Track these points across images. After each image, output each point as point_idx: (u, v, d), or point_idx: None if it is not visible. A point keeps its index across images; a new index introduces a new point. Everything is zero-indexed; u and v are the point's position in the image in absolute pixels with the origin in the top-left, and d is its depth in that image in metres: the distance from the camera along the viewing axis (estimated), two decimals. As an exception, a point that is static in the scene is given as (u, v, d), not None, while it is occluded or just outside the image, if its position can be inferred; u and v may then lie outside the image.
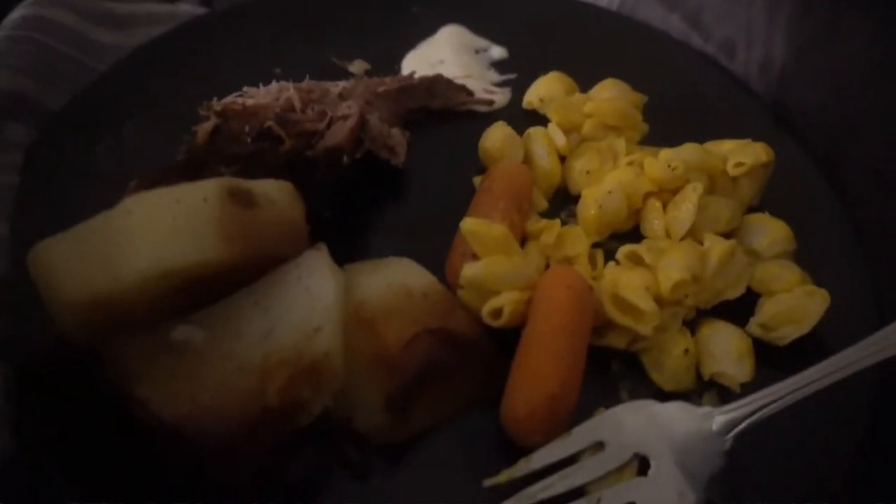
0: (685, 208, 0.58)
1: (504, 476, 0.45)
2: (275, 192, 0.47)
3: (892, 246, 0.59)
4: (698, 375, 0.53)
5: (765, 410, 0.45)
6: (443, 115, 0.73)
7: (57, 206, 0.55)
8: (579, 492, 0.45)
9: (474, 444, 0.48)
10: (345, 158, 0.54)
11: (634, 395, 0.52)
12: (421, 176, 0.66)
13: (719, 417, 0.45)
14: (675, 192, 0.60)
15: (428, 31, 0.83)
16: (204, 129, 0.51)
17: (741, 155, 0.62)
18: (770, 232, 0.60)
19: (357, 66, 0.77)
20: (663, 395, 0.52)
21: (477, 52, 0.82)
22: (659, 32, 0.83)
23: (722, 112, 0.74)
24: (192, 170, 0.52)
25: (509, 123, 0.69)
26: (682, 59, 0.80)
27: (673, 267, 0.52)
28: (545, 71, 0.76)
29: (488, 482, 0.45)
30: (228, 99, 0.53)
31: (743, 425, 0.45)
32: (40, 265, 0.42)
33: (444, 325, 0.48)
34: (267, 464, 0.44)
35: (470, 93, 0.74)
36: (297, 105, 0.56)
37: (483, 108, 0.74)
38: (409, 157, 0.66)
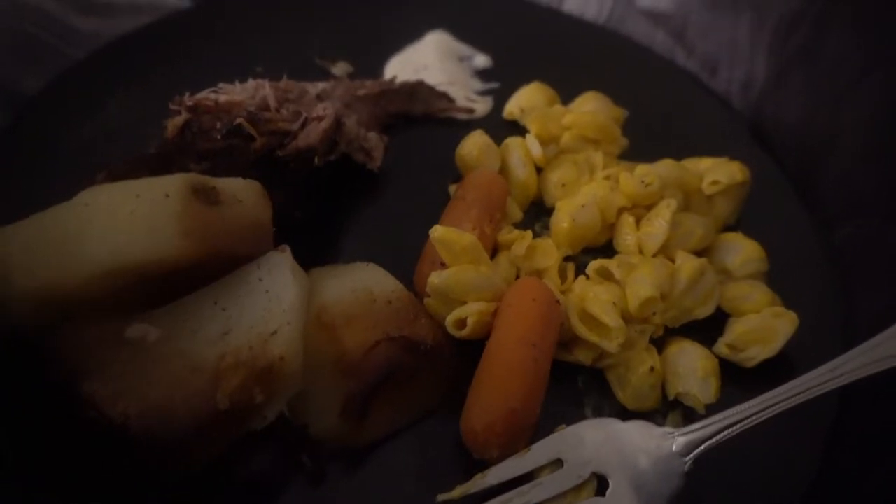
0: (658, 224, 0.58)
1: (458, 491, 0.44)
2: (241, 191, 0.47)
3: (863, 267, 0.59)
4: (664, 395, 0.53)
5: (726, 432, 0.44)
6: (423, 120, 0.73)
7: (23, 193, 0.54)
8: (535, 508, 0.44)
9: (431, 454, 0.47)
10: (316, 160, 0.53)
11: (598, 413, 0.51)
12: (396, 181, 0.66)
13: (679, 438, 0.45)
14: (650, 208, 0.60)
15: (414, 35, 0.83)
16: (174, 123, 0.50)
17: (717, 173, 0.62)
18: (743, 251, 0.59)
19: (340, 68, 0.77)
20: (627, 414, 0.51)
21: (461, 59, 0.82)
22: (643, 48, 0.83)
23: (702, 129, 0.75)
24: (161, 164, 0.51)
25: (489, 132, 0.68)
26: (664, 75, 0.80)
27: (641, 283, 0.52)
28: (528, 81, 0.76)
29: (441, 497, 0.44)
30: (201, 94, 0.52)
31: (703, 447, 0.44)
32: (-6, 252, 0.41)
33: (407, 333, 0.47)
34: (217, 464, 0.43)
35: (451, 100, 0.74)
36: (272, 103, 0.55)
37: (463, 117, 0.74)
38: (386, 161, 0.66)
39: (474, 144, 0.64)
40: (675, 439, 0.45)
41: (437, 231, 0.52)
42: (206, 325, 0.43)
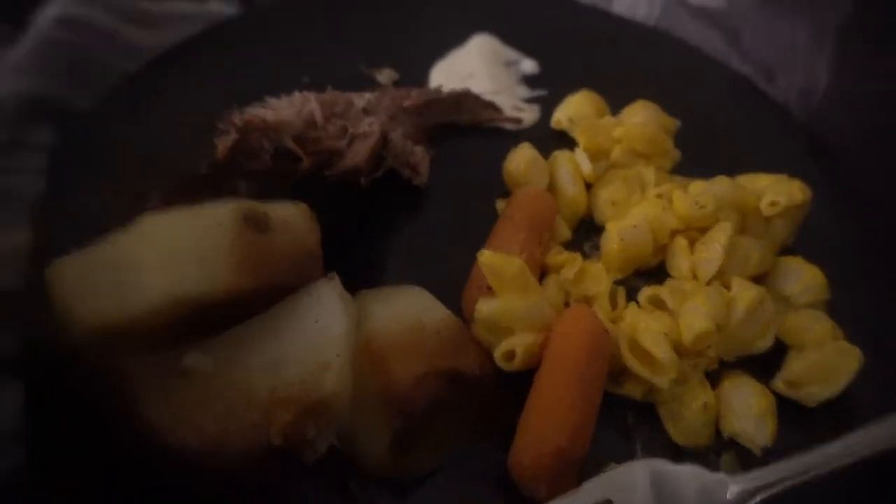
0: (713, 249, 0.55)
1: (506, 526, 0.44)
2: (291, 216, 0.46)
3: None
4: (718, 432, 0.51)
5: (783, 484, 0.43)
6: (468, 131, 0.71)
7: (78, 211, 0.54)
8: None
9: (478, 487, 0.47)
10: (362, 180, 0.52)
11: (649, 448, 0.50)
12: (443, 195, 0.65)
13: (733, 487, 0.43)
14: (704, 230, 0.58)
15: (458, 39, 0.81)
16: (224, 144, 0.50)
17: (776, 193, 0.59)
18: (803, 278, 0.57)
19: (385, 76, 0.75)
20: (679, 450, 0.50)
21: (507, 64, 0.80)
22: (695, 50, 0.80)
23: (759, 140, 0.71)
24: (212, 184, 0.51)
25: (537, 142, 0.67)
26: (718, 79, 0.77)
27: (695, 314, 0.50)
28: (576, 87, 0.73)
29: (489, 532, 0.44)
30: (249, 111, 0.52)
31: (758, 498, 0.43)
32: (55, 284, 0.41)
33: (455, 365, 0.46)
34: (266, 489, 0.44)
35: (498, 110, 0.72)
36: (319, 119, 0.55)
37: (511, 126, 0.72)
38: (432, 174, 0.65)
39: (521, 159, 0.63)
40: (728, 487, 0.43)
41: (484, 256, 0.50)
42: (258, 355, 0.43)
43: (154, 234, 0.41)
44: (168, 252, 0.41)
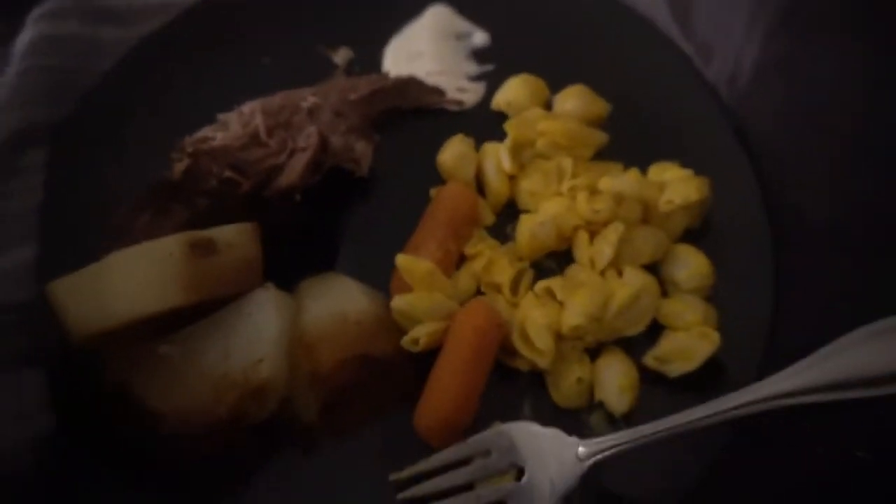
0: (606, 244, 0.64)
1: (406, 472, 0.58)
2: (233, 236, 0.57)
3: (799, 294, 0.64)
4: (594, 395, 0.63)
5: (621, 447, 0.55)
6: (412, 113, 0.77)
7: (67, 220, 0.66)
8: (466, 487, 0.58)
9: (392, 442, 0.61)
10: (297, 197, 0.62)
11: (536, 409, 0.62)
12: (382, 183, 0.73)
13: (580, 448, 0.56)
14: (606, 223, 0.66)
15: (416, 11, 0.84)
16: (178, 168, 0.59)
17: (672, 192, 0.66)
18: (691, 266, 0.65)
19: (341, 56, 0.81)
20: (560, 410, 0.62)
21: (459, 37, 0.83)
22: (647, 24, 0.81)
23: (688, 124, 0.75)
24: (173, 194, 0.62)
25: (478, 123, 0.74)
26: (663, 56, 0.79)
27: (572, 311, 0.60)
28: (523, 62, 0.78)
29: (393, 476, 0.58)
30: (199, 135, 0.61)
31: (599, 456, 0.55)
32: (53, 300, 0.54)
33: (370, 351, 0.59)
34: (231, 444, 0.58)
35: (441, 93, 0.78)
36: (263, 133, 0.63)
37: (453, 108, 0.78)
38: (375, 160, 0.73)
39: (451, 154, 0.70)
40: (577, 448, 0.56)
41: (399, 259, 0.61)
42: (212, 347, 0.56)
43: (120, 266, 0.53)
44: (131, 280, 0.53)
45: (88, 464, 0.58)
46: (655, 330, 0.64)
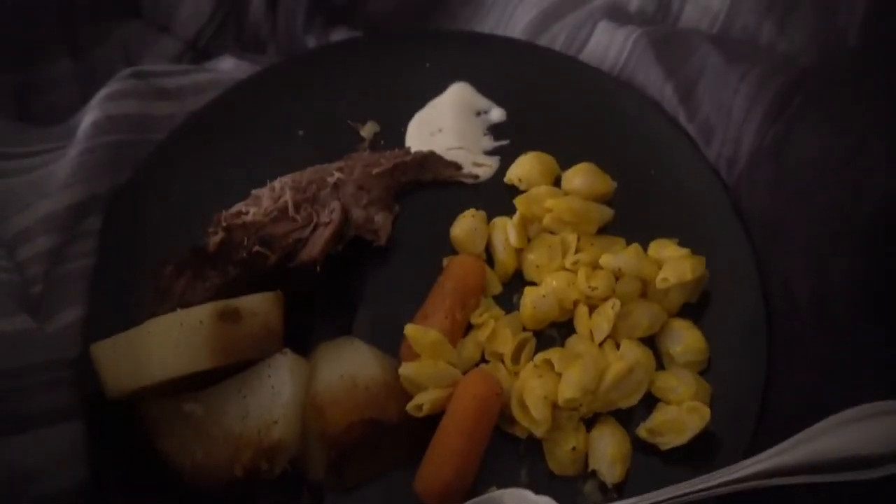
0: (604, 319, 0.68)
1: (405, 531, 0.62)
2: (257, 305, 0.63)
3: (788, 366, 0.66)
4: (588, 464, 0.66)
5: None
6: (429, 186, 0.83)
7: (119, 286, 0.73)
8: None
9: (393, 499, 0.65)
10: (318, 268, 0.68)
11: (533, 475, 0.66)
12: (401, 251, 0.78)
13: (570, 517, 0.59)
14: (604, 299, 0.70)
15: (439, 87, 0.91)
16: (214, 240, 0.66)
17: (669, 270, 0.69)
18: (686, 341, 0.68)
19: (367, 130, 0.88)
20: (555, 476, 0.65)
21: (478, 113, 0.89)
22: (653, 105, 0.85)
23: (690, 202, 0.78)
24: (208, 262, 0.69)
25: (490, 195, 0.79)
26: (667, 135, 0.83)
27: (568, 384, 0.63)
28: (536, 137, 0.83)
29: (394, 533, 0.62)
30: (233, 210, 0.68)
31: (588, 525, 0.58)
32: (94, 360, 0.61)
33: (377, 415, 0.63)
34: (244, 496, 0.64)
35: (458, 168, 0.83)
36: (290, 208, 0.70)
37: (469, 181, 0.84)
38: (395, 229, 0.79)
39: (462, 228, 0.76)
40: (568, 517, 0.59)
41: (408, 329, 0.66)
42: (232, 408, 0.62)
43: (155, 331, 0.60)
44: (165, 345, 0.59)
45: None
46: (652, 400, 0.67)
